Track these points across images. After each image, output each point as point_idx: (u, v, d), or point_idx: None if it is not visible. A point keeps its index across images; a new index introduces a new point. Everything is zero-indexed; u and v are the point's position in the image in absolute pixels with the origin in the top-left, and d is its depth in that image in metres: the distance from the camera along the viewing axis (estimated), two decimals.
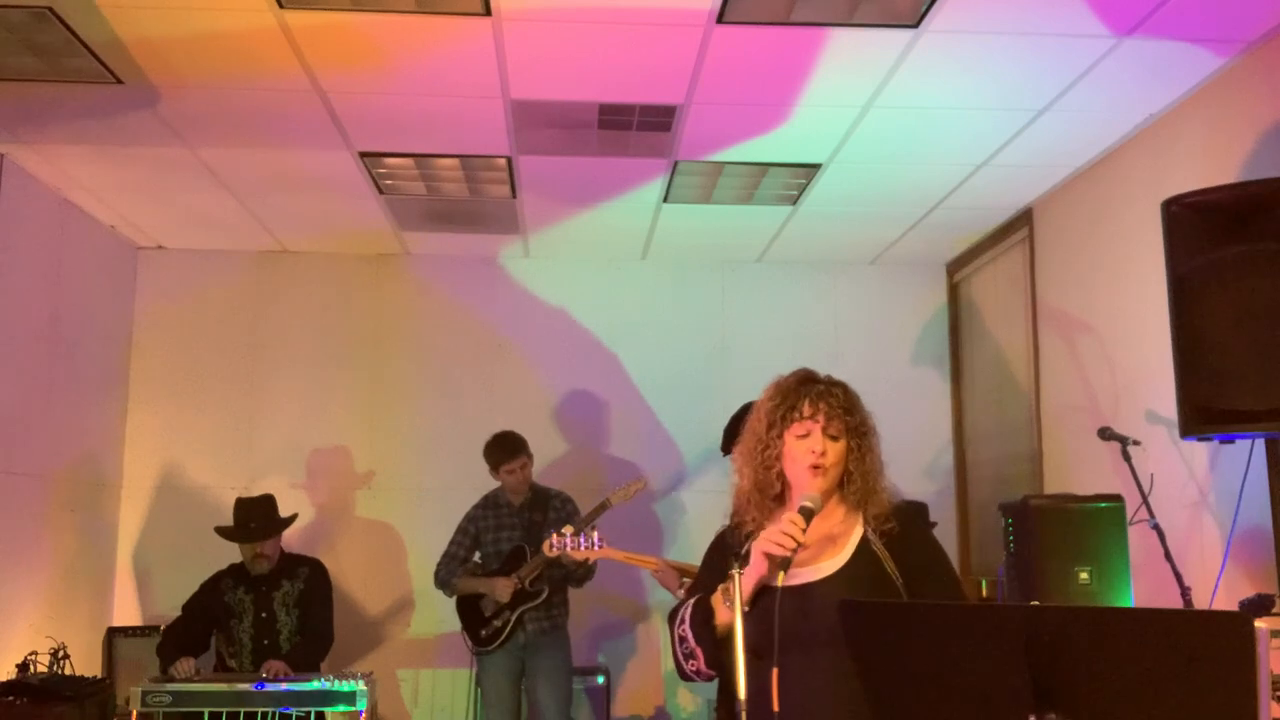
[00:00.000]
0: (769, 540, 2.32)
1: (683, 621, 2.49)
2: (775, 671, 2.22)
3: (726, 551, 2.53)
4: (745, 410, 4.41)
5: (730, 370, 6.53)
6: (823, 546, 2.45)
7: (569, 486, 5.49)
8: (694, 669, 2.47)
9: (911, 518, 2.52)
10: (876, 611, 2.12)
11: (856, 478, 2.47)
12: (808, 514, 2.35)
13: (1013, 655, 1.81)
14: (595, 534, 4.67)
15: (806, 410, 2.46)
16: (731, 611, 2.32)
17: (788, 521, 2.32)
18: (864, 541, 2.44)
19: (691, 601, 2.50)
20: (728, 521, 2.64)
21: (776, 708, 2.21)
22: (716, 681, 2.66)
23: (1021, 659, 1.80)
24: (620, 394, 6.52)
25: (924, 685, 1.93)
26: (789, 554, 2.29)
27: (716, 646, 2.42)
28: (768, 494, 2.51)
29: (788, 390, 2.52)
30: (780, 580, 2.27)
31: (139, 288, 6.40)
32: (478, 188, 5.39)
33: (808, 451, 2.44)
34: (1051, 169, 5.09)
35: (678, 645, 2.50)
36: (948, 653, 1.90)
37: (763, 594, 2.37)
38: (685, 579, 4.64)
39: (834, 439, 2.45)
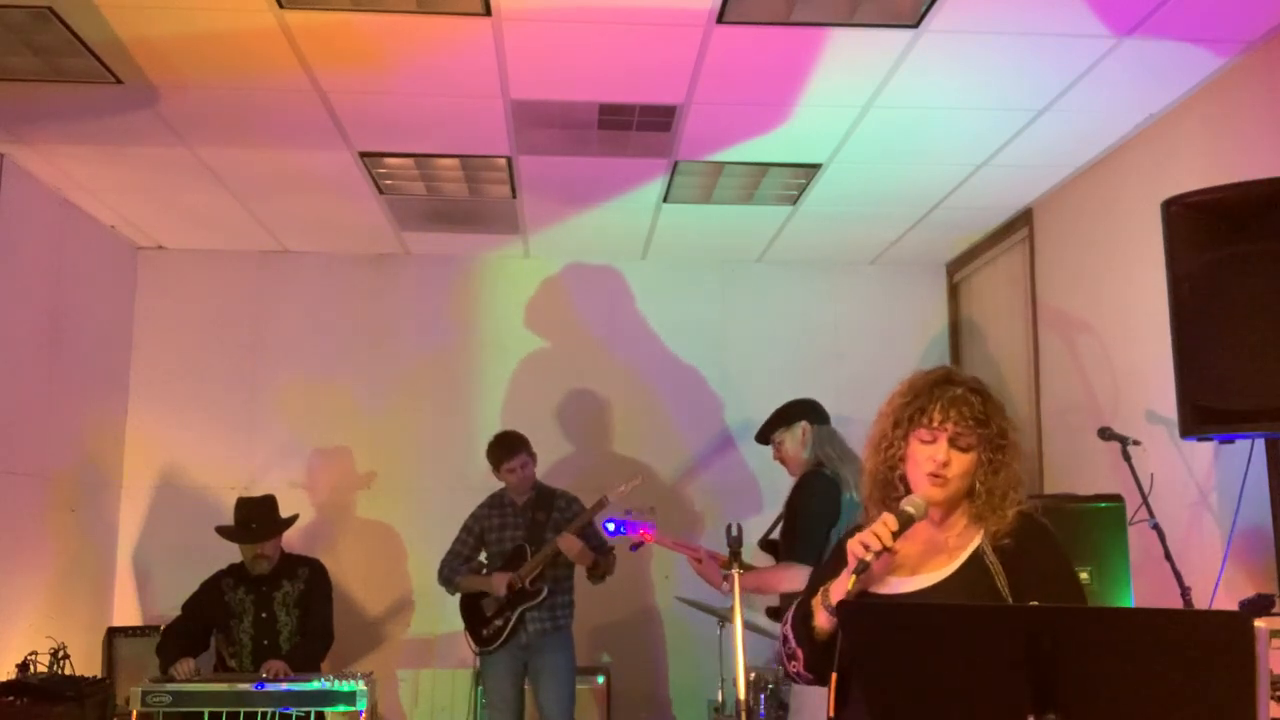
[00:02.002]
0: (857, 540, 2.19)
1: (786, 621, 2.38)
2: (834, 677, 2.13)
3: (836, 553, 2.37)
4: (789, 405, 4.36)
5: (730, 370, 6.54)
6: (932, 555, 2.28)
7: (570, 486, 5.48)
8: (795, 670, 2.36)
9: (1039, 532, 2.28)
10: (875, 613, 2.09)
11: (982, 493, 2.26)
12: (905, 518, 2.20)
13: (1012, 656, 1.80)
14: (650, 518, 4.60)
15: (936, 417, 2.26)
16: (829, 617, 2.22)
17: (880, 524, 2.19)
18: (977, 553, 2.25)
19: (797, 602, 2.37)
20: (732, 521, 2.62)
21: (831, 713, 2.14)
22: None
23: (1021, 659, 1.79)
24: (621, 394, 6.52)
25: (922, 687, 1.92)
26: (869, 558, 2.15)
27: (814, 650, 2.27)
28: (889, 495, 2.33)
29: (920, 390, 2.32)
30: (852, 585, 2.15)
31: (139, 288, 6.40)
32: (478, 188, 5.39)
33: (929, 459, 2.26)
34: (1051, 169, 5.09)
35: (781, 645, 2.39)
36: (947, 654, 1.89)
37: (867, 596, 2.24)
38: (726, 571, 4.61)
39: (963, 451, 2.26)
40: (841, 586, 2.21)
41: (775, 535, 4.39)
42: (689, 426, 6.50)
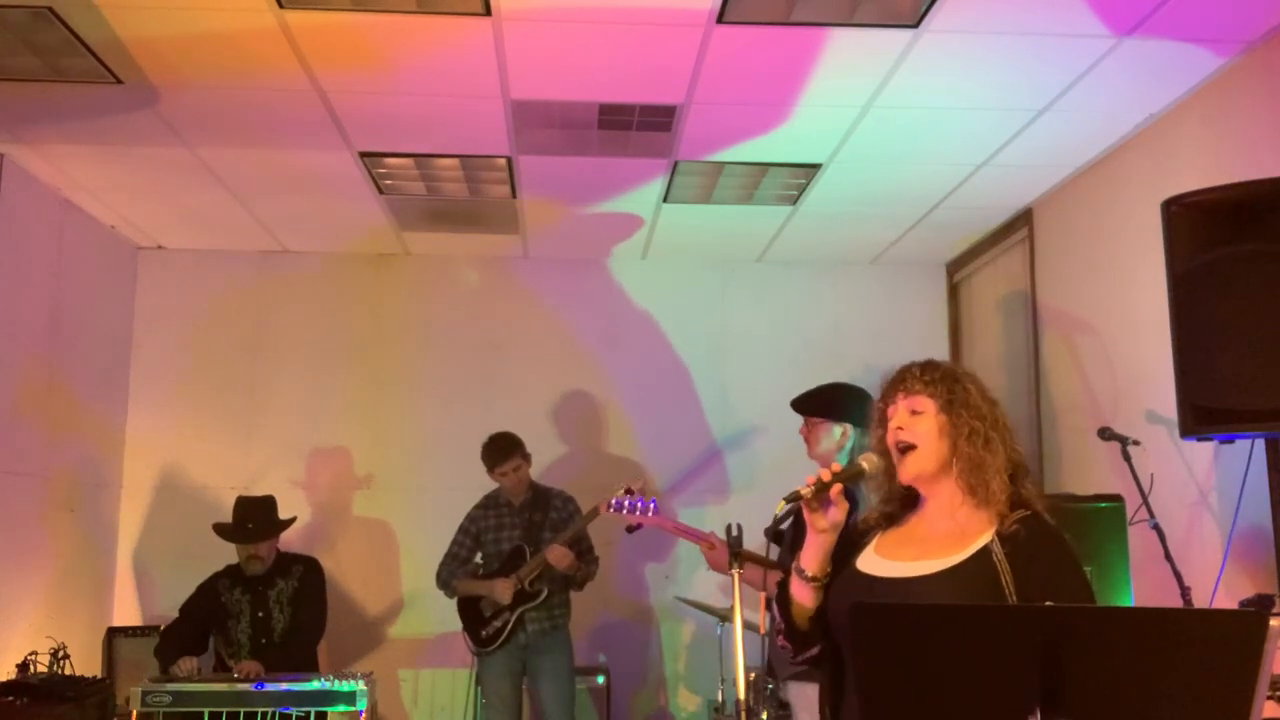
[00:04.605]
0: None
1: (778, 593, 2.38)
2: (827, 674, 2.19)
3: (844, 542, 2.34)
4: (845, 398, 4.22)
5: (730, 370, 6.54)
6: (937, 543, 2.20)
7: (568, 487, 5.49)
8: (781, 643, 2.37)
9: (1051, 539, 2.18)
10: (888, 614, 2.03)
11: (963, 463, 2.19)
12: (855, 468, 2.22)
13: (1024, 657, 1.78)
14: (653, 501, 4.37)
15: (889, 394, 2.30)
16: (802, 583, 2.25)
17: (825, 469, 2.21)
18: (986, 548, 2.15)
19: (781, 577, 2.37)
20: (732, 522, 2.63)
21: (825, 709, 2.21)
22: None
23: (1033, 660, 1.77)
24: (620, 394, 6.52)
25: (926, 686, 1.89)
26: (805, 492, 2.18)
27: (790, 620, 2.28)
28: (891, 498, 2.33)
29: (886, 380, 2.35)
30: (780, 509, 2.20)
31: (139, 288, 6.40)
32: (478, 188, 5.39)
33: (891, 430, 2.25)
34: (1051, 169, 5.09)
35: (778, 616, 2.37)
36: (955, 653, 1.86)
37: (844, 574, 2.24)
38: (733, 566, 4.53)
39: (917, 413, 2.25)
40: (809, 554, 2.25)
41: (783, 526, 4.34)
42: (688, 427, 6.49)
